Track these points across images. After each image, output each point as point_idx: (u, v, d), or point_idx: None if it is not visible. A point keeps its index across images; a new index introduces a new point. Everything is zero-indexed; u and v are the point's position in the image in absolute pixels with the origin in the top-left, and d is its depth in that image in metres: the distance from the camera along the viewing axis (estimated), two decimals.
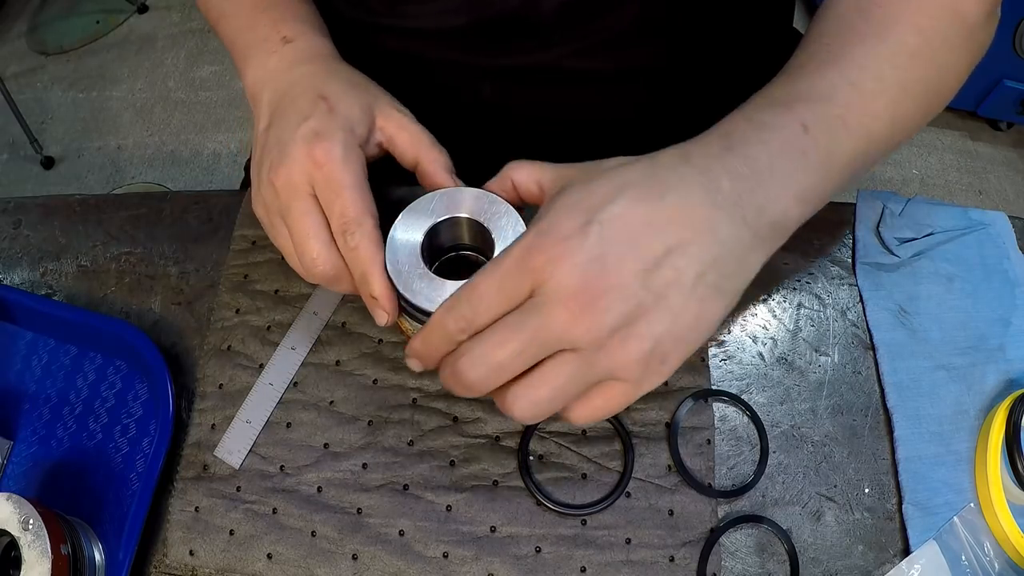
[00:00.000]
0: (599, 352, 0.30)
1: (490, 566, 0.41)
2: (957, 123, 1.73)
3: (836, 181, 0.35)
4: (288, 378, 0.47)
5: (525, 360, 0.31)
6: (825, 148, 0.34)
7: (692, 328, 0.31)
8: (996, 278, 0.50)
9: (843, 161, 0.35)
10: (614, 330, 0.30)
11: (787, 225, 0.34)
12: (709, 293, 0.31)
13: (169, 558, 0.42)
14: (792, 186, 0.34)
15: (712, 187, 0.32)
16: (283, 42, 0.44)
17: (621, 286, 0.30)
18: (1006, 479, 0.42)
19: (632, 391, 0.32)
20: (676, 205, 0.31)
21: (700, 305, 0.31)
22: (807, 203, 0.34)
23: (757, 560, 0.41)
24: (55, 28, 2.05)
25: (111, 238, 0.54)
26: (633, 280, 0.30)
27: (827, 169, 0.35)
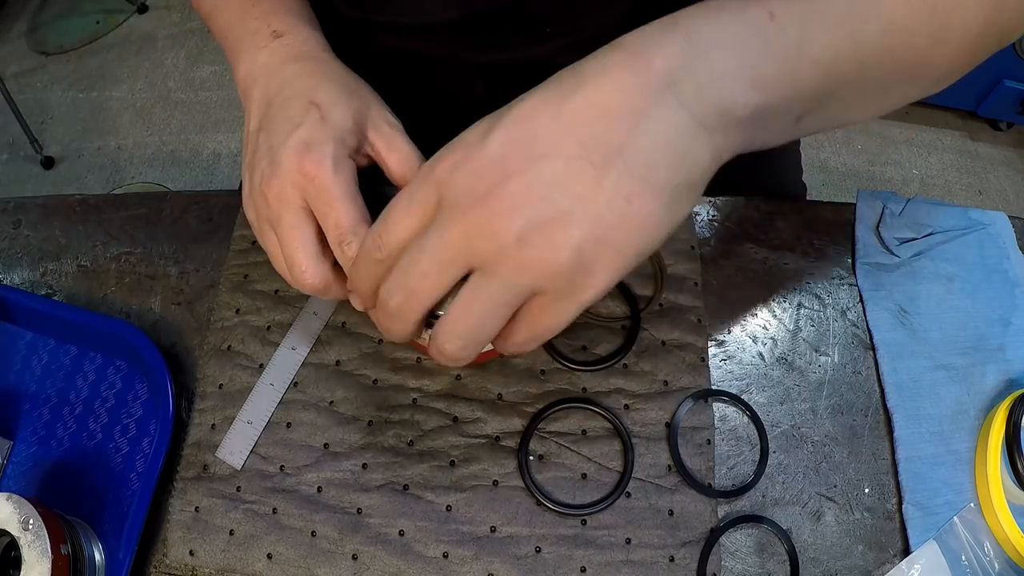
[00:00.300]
0: (508, 265, 0.27)
1: (490, 566, 0.41)
2: (957, 123, 1.74)
3: (810, 79, 0.30)
4: (288, 378, 0.47)
5: (436, 282, 0.29)
6: (794, 38, 0.29)
7: (619, 229, 0.27)
8: (996, 278, 0.50)
9: (817, 57, 0.30)
10: (521, 238, 0.27)
11: (739, 113, 0.29)
12: (638, 188, 0.27)
13: (169, 558, 0.42)
14: (745, 69, 0.28)
15: (641, 68, 0.27)
16: (273, 36, 0.43)
17: (527, 190, 0.27)
18: (1006, 479, 0.42)
19: (561, 307, 0.29)
20: (591, 95, 0.27)
21: (627, 204, 0.27)
22: (766, 92, 0.29)
23: (757, 560, 0.41)
24: (55, 28, 2.05)
25: (111, 238, 0.54)
26: (541, 182, 0.27)
27: (794, 61, 0.29)
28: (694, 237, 0.51)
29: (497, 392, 0.46)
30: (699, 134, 0.28)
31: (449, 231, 0.28)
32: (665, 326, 0.48)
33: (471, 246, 0.28)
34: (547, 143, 0.27)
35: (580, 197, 0.27)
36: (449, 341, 0.30)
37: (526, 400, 0.45)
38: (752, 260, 0.51)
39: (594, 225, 0.27)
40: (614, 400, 0.45)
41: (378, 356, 0.47)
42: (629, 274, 0.49)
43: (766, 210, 0.53)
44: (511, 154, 0.27)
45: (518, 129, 0.28)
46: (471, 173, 0.28)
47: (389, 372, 0.47)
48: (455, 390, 0.46)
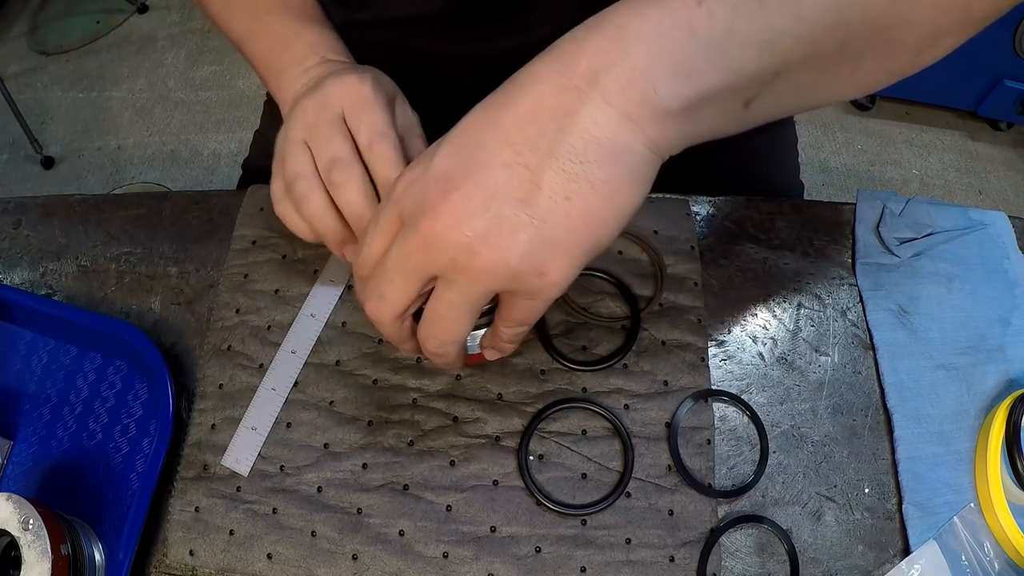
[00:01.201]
0: (464, 272, 0.29)
1: (490, 566, 0.41)
2: (957, 123, 1.74)
3: (748, 62, 0.29)
4: (290, 382, 0.47)
5: (403, 289, 0.31)
6: (723, 23, 0.28)
7: (563, 227, 0.28)
8: (996, 278, 0.50)
9: (752, 38, 0.28)
10: (470, 248, 0.28)
11: (669, 104, 0.28)
12: (574, 187, 0.28)
13: (169, 558, 0.42)
14: (670, 60, 0.28)
15: (566, 71, 0.28)
16: (322, 60, 0.47)
17: (467, 199, 0.28)
18: (1006, 479, 0.42)
19: (527, 304, 0.31)
20: (522, 103, 0.28)
21: (567, 202, 0.28)
22: (695, 80, 0.28)
23: (757, 560, 0.41)
24: (55, 28, 2.05)
25: (111, 238, 0.54)
26: (479, 191, 0.28)
27: (725, 46, 0.28)
28: (694, 237, 0.51)
29: (497, 392, 0.46)
30: (628, 128, 0.28)
31: (406, 245, 0.30)
32: (665, 326, 0.48)
33: (427, 258, 0.29)
34: (486, 153, 0.28)
35: (521, 202, 0.28)
36: (427, 341, 0.33)
37: (526, 400, 0.45)
38: (752, 260, 0.51)
39: (539, 227, 0.28)
40: (614, 400, 0.45)
41: (378, 356, 0.47)
42: (629, 274, 0.49)
43: (766, 210, 0.53)
44: (454, 167, 0.29)
45: (460, 143, 0.29)
46: (421, 190, 0.29)
47: (389, 372, 0.47)
48: (455, 390, 0.46)
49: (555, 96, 0.28)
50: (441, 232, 0.28)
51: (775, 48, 0.29)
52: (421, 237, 0.29)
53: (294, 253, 0.51)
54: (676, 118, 0.29)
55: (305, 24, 0.50)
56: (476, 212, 0.28)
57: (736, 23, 0.28)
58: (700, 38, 0.28)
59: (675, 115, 0.28)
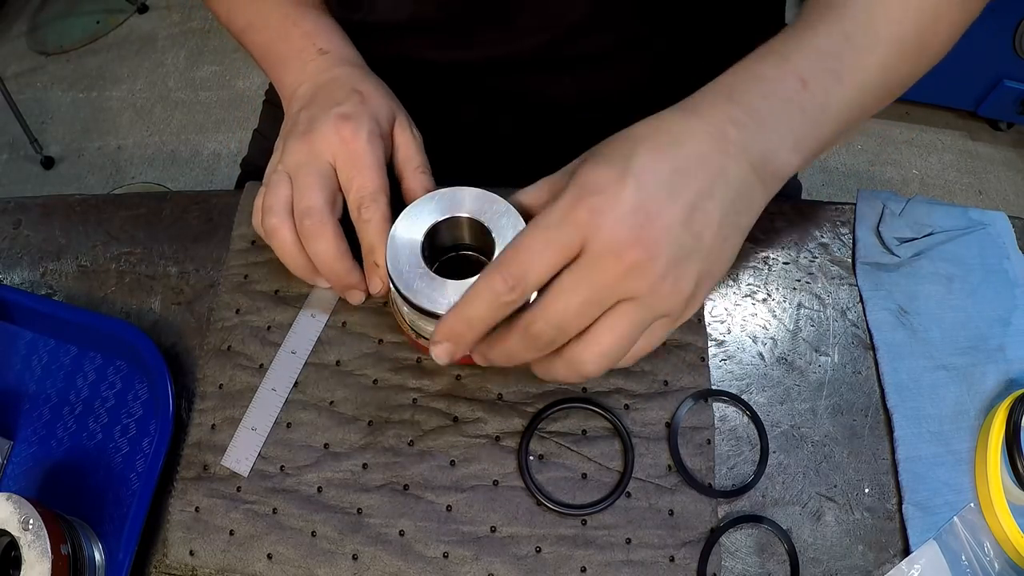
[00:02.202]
0: (654, 297, 0.32)
1: (490, 566, 0.41)
2: (957, 123, 1.73)
3: (830, 131, 0.37)
4: (290, 383, 0.47)
5: (589, 316, 0.32)
6: (820, 101, 0.36)
7: (720, 262, 0.34)
8: (996, 278, 0.50)
9: (836, 113, 0.37)
10: (664, 276, 0.32)
11: (785, 173, 0.36)
12: (731, 232, 0.34)
13: (169, 558, 0.42)
14: (789, 137, 0.35)
15: (719, 135, 0.34)
16: (319, 52, 0.47)
17: (667, 233, 0.32)
18: (1006, 479, 0.42)
19: (673, 326, 0.35)
20: (693, 153, 0.33)
21: (724, 243, 0.34)
22: (803, 153, 0.36)
23: (757, 560, 0.41)
24: (55, 28, 2.05)
25: (111, 238, 0.54)
26: (676, 226, 0.32)
27: (822, 121, 0.36)
28: None
29: (497, 392, 0.46)
30: (760, 189, 0.35)
31: (608, 272, 0.31)
32: None
33: (626, 285, 0.32)
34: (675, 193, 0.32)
35: (698, 237, 0.33)
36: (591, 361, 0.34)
37: (526, 400, 0.45)
38: (752, 260, 0.51)
39: (705, 260, 0.33)
40: (614, 400, 0.45)
41: (378, 356, 0.47)
42: None
43: (766, 210, 0.53)
44: (649, 202, 0.32)
45: (647, 179, 0.32)
46: (618, 220, 0.31)
47: (389, 372, 0.47)
48: (455, 390, 0.46)
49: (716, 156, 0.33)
50: (647, 261, 0.31)
51: (847, 118, 0.37)
52: (626, 264, 0.31)
53: None
54: (783, 180, 0.36)
55: (302, 12, 0.50)
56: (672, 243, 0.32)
57: (827, 102, 0.36)
58: (807, 118, 0.36)
59: (784, 178, 0.36)
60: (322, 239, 0.42)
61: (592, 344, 0.33)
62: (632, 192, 0.32)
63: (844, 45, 0.37)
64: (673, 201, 0.32)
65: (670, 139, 0.33)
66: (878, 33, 0.37)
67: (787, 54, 0.36)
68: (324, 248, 0.42)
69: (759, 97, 0.35)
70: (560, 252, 0.32)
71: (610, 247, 0.31)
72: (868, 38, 0.37)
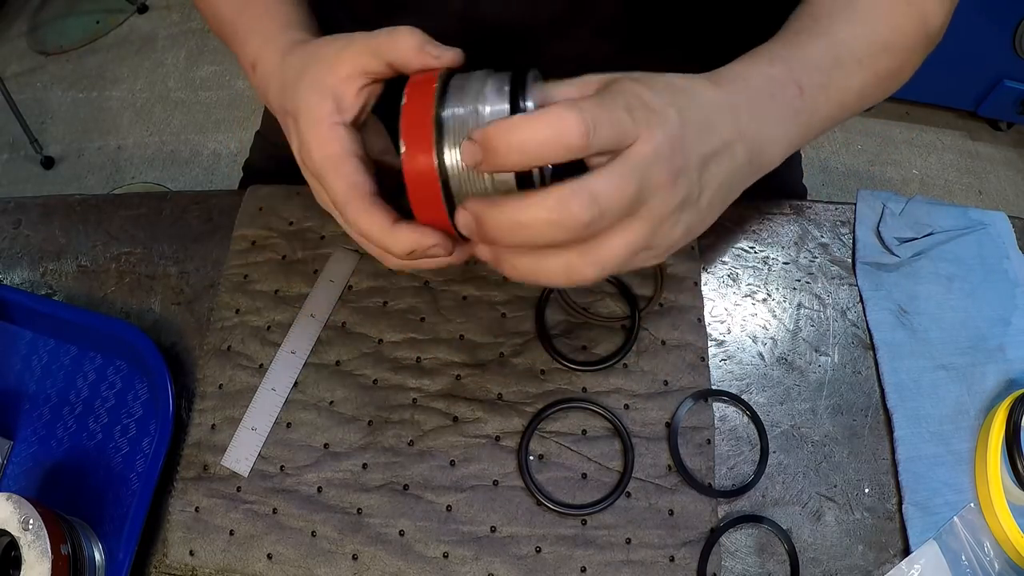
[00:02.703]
0: (661, 225, 0.32)
1: (490, 566, 0.41)
2: (957, 123, 1.73)
3: (809, 138, 0.41)
4: (290, 383, 0.47)
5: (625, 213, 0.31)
6: (809, 111, 0.39)
7: (696, 230, 0.35)
8: (996, 278, 0.50)
9: (818, 123, 0.40)
10: (676, 210, 0.33)
11: (770, 166, 0.38)
12: (719, 201, 0.35)
13: (169, 558, 0.42)
14: (783, 136, 0.38)
15: (734, 115, 0.35)
16: (253, 70, 0.44)
17: (688, 169, 0.32)
18: (1006, 479, 0.42)
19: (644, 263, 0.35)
20: (714, 116, 0.34)
21: (711, 209, 0.35)
22: (787, 152, 0.39)
23: (757, 560, 0.41)
24: (55, 28, 2.05)
25: (111, 238, 0.54)
26: (696, 166, 0.33)
27: (808, 128, 0.40)
28: None
29: (497, 392, 0.46)
30: (748, 174, 0.37)
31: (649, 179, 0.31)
32: (665, 326, 0.48)
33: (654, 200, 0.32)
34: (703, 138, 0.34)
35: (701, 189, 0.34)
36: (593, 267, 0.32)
37: (526, 400, 0.45)
38: (752, 260, 0.51)
39: (695, 221, 0.34)
40: (614, 400, 0.45)
41: (378, 356, 0.47)
42: (629, 274, 0.49)
43: (766, 210, 0.53)
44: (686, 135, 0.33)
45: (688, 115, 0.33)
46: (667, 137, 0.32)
47: (389, 372, 0.47)
48: (455, 390, 0.46)
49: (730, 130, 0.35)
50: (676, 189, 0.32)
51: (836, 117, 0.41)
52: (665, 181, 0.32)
53: (294, 253, 0.51)
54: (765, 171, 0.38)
55: None
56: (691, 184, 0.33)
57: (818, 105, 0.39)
58: (800, 122, 0.39)
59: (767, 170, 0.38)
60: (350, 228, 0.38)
61: (602, 249, 0.32)
62: (675, 119, 0.32)
63: (834, 66, 0.40)
64: (700, 144, 0.33)
65: (698, 97, 0.35)
66: (861, 62, 0.41)
67: (790, 62, 0.39)
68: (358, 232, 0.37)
69: (767, 96, 0.37)
70: (619, 135, 0.30)
71: (658, 156, 0.31)
72: (853, 66, 0.41)
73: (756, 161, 0.37)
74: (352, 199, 0.36)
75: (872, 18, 0.42)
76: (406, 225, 0.35)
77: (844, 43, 0.41)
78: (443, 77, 0.34)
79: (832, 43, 0.41)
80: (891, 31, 0.43)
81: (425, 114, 0.32)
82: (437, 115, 0.32)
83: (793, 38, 0.41)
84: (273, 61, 0.43)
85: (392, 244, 0.35)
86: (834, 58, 0.40)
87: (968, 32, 1.42)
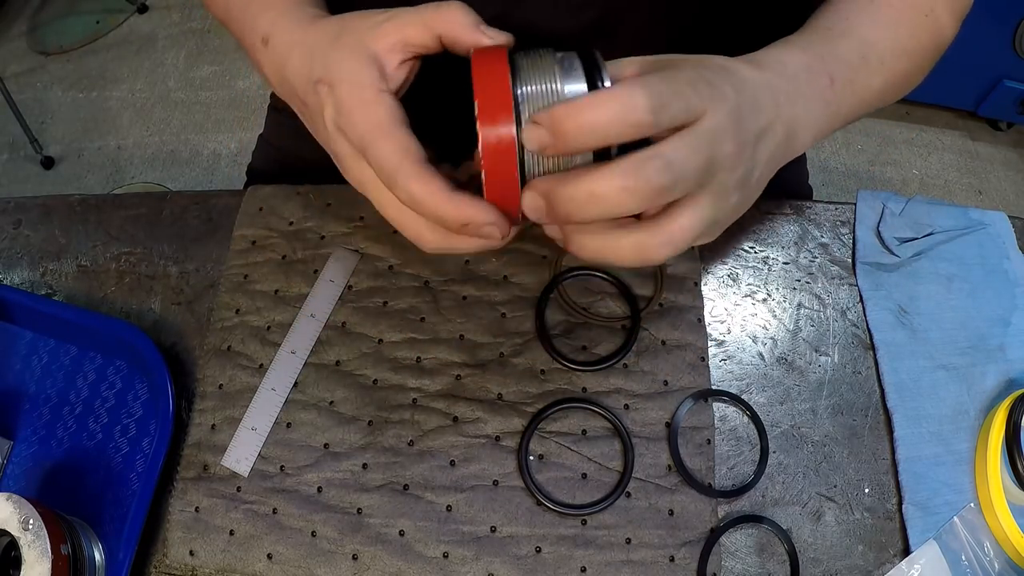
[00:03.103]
0: (725, 200, 0.33)
1: (490, 566, 0.41)
2: (957, 123, 1.73)
3: (832, 130, 0.42)
4: (290, 383, 0.47)
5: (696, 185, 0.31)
6: (837, 102, 0.40)
7: (744, 207, 0.36)
8: (996, 278, 0.50)
9: (843, 115, 0.41)
10: (737, 184, 0.33)
11: (799, 151, 0.39)
12: (764, 181, 0.36)
13: (169, 558, 0.42)
14: (812, 127, 0.39)
15: (775, 98, 0.36)
16: (264, 44, 0.42)
17: (747, 144, 0.33)
18: (1006, 479, 0.42)
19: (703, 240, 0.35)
20: (762, 96, 0.35)
21: (758, 187, 0.36)
22: (815, 139, 0.40)
23: (757, 560, 0.41)
24: (55, 28, 2.05)
25: (111, 238, 0.54)
26: (751, 142, 0.34)
27: (833, 119, 0.41)
28: None
29: (497, 392, 0.46)
30: (781, 161, 0.38)
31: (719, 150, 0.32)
32: (665, 326, 0.48)
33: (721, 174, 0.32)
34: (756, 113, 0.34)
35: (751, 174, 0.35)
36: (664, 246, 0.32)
37: (526, 400, 0.45)
38: (752, 260, 0.51)
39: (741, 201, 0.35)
40: (614, 400, 0.45)
41: (378, 356, 0.47)
42: (629, 274, 0.49)
43: (766, 210, 0.53)
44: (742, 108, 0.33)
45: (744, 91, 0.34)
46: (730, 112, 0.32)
47: (389, 372, 0.47)
48: (455, 390, 0.46)
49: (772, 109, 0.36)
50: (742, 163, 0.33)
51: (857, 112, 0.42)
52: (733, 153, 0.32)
53: (294, 253, 0.51)
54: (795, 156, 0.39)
55: None
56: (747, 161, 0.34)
57: (844, 98, 0.40)
58: (828, 112, 0.40)
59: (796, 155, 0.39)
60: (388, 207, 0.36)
61: (673, 224, 0.31)
62: (733, 94, 0.32)
63: (860, 63, 0.41)
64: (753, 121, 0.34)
65: (744, 77, 0.35)
66: (883, 63, 0.42)
67: (823, 55, 0.40)
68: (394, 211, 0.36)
69: (803, 82, 0.38)
70: (685, 110, 0.30)
71: (725, 129, 0.31)
72: (876, 65, 0.42)
73: (791, 144, 0.37)
74: (405, 163, 0.33)
75: (894, 23, 0.43)
76: (467, 195, 0.33)
77: (870, 43, 0.42)
78: (509, 54, 0.33)
79: (859, 41, 0.41)
80: (910, 38, 0.44)
81: (501, 88, 0.31)
82: (514, 91, 0.31)
83: (825, 32, 0.41)
84: (293, 32, 0.41)
85: (450, 211, 0.32)
86: (861, 56, 0.41)
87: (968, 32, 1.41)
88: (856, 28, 0.42)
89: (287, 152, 0.69)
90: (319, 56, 0.38)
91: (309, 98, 0.39)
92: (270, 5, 0.44)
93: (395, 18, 0.37)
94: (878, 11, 0.43)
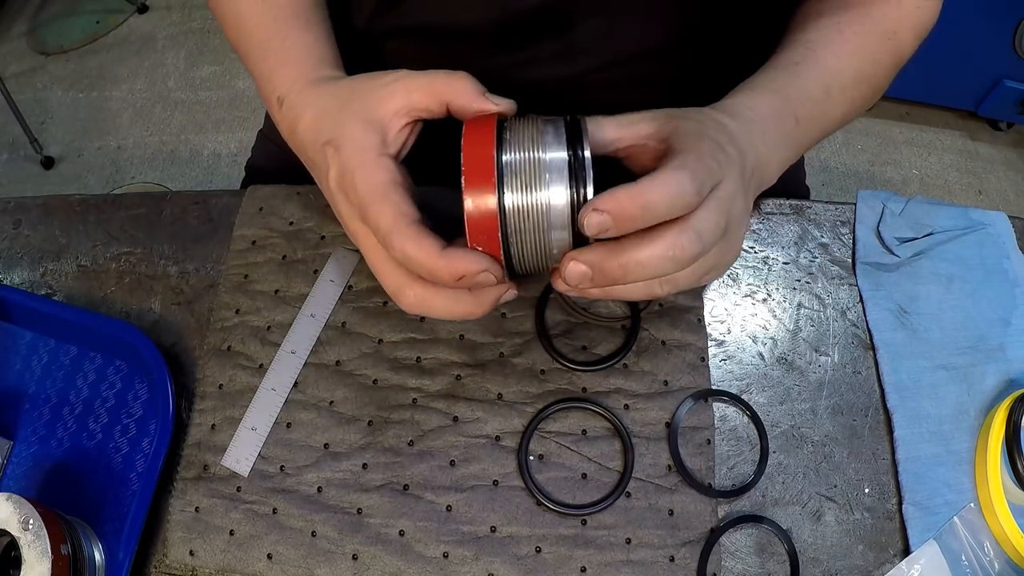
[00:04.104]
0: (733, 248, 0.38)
1: (490, 566, 0.41)
2: (957, 123, 1.73)
3: (805, 150, 0.46)
4: (290, 382, 0.47)
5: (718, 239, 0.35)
6: (801, 138, 0.43)
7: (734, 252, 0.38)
8: (996, 278, 0.50)
9: (804, 147, 0.45)
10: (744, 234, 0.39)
11: (767, 187, 0.43)
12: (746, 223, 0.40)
13: (169, 558, 0.42)
14: (779, 161, 0.42)
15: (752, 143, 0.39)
16: (279, 104, 0.44)
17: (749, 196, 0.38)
18: (1006, 479, 0.42)
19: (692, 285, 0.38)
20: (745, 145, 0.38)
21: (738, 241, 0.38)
22: (779, 173, 0.43)
23: (757, 560, 0.41)
24: (55, 28, 2.05)
25: (111, 238, 0.54)
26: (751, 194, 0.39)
27: (796, 152, 0.44)
28: None
29: (497, 392, 0.46)
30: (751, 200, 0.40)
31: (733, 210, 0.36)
32: (665, 326, 0.48)
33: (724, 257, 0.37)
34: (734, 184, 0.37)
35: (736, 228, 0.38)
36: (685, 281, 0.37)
37: (526, 400, 0.45)
38: (752, 260, 0.51)
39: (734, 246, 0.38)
40: (614, 400, 0.45)
41: (378, 356, 0.47)
42: None
43: (766, 210, 0.53)
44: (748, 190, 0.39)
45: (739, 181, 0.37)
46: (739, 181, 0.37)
47: (389, 372, 0.47)
48: (455, 390, 0.46)
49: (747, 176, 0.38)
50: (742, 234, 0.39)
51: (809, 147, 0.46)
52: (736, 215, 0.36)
53: (294, 253, 0.51)
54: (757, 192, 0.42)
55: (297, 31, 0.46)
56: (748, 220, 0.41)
57: (808, 131, 0.44)
58: (792, 149, 0.43)
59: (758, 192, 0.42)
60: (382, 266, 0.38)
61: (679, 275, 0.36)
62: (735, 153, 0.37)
63: (824, 97, 0.44)
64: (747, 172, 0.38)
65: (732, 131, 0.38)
66: (844, 92, 0.45)
67: (790, 96, 0.43)
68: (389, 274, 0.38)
69: (771, 125, 0.41)
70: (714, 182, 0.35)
71: (736, 191, 0.36)
72: (838, 96, 0.45)
73: (762, 181, 0.41)
74: (400, 224, 0.35)
75: (858, 50, 0.46)
76: (458, 249, 0.35)
77: (833, 73, 0.45)
78: (499, 122, 0.36)
79: (822, 72, 0.44)
80: (873, 64, 0.47)
81: (486, 156, 0.34)
82: (498, 158, 0.34)
83: (792, 69, 0.44)
84: (308, 95, 0.43)
85: (443, 266, 0.34)
86: (824, 88, 0.44)
87: (968, 32, 1.42)
88: (821, 59, 0.45)
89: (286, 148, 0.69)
90: (328, 119, 0.40)
91: (317, 158, 0.41)
92: (288, 61, 0.46)
93: (403, 80, 0.39)
94: (844, 41, 0.45)
